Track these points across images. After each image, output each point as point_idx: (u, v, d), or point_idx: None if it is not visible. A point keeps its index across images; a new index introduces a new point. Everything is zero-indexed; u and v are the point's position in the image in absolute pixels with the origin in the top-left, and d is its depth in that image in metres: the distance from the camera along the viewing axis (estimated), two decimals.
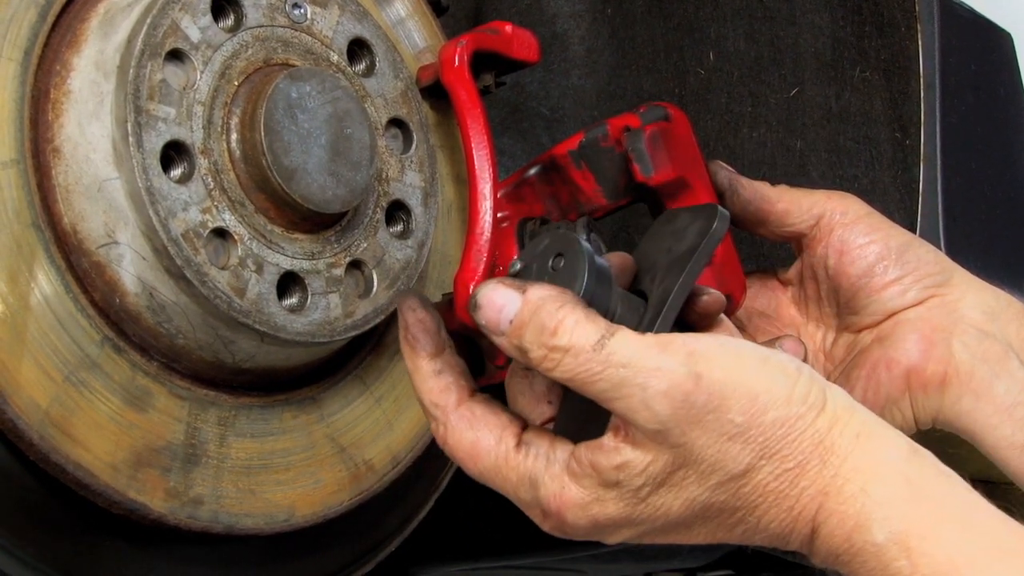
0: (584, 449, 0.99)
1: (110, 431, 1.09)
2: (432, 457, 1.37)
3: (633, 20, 1.67)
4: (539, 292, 0.98)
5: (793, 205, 1.31)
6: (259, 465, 1.19)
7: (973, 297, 1.26)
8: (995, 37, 1.63)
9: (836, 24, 1.54)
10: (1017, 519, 0.95)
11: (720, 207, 1.08)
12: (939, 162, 1.47)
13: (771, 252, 1.59)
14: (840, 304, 1.29)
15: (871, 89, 1.52)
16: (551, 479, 1.00)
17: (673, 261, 1.07)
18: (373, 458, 1.28)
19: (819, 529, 0.95)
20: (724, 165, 1.31)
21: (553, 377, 0.97)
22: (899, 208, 1.48)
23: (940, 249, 1.42)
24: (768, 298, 1.37)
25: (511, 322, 0.99)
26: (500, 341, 1.00)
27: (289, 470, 1.21)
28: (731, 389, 0.94)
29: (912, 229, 1.46)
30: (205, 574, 1.22)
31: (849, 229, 1.28)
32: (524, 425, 1.05)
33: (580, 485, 0.99)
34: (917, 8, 1.48)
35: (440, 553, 1.86)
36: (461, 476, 1.43)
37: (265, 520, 1.19)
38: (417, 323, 1.09)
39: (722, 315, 1.12)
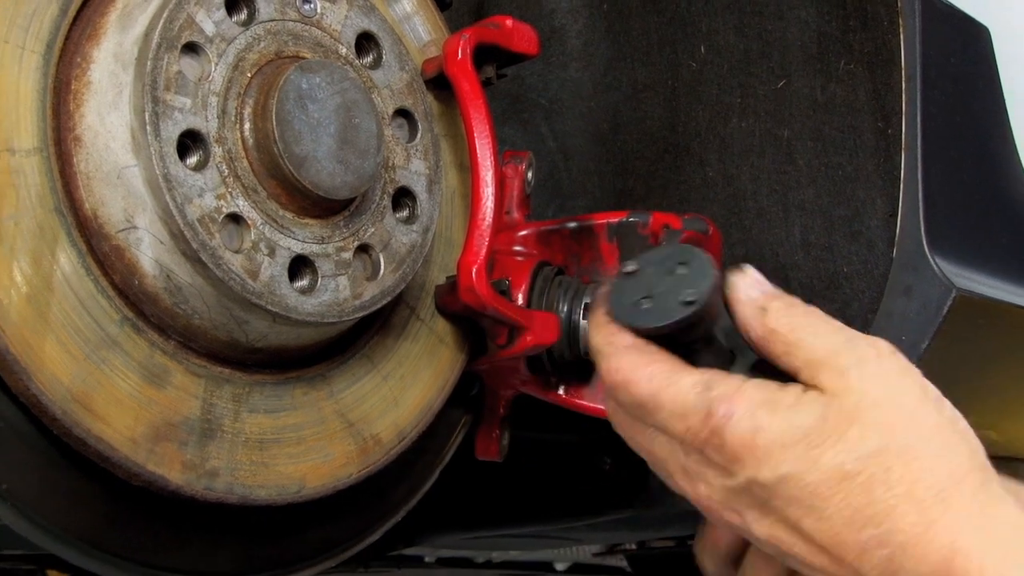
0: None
1: (129, 406, 1.09)
2: (436, 432, 1.37)
3: (628, 15, 1.67)
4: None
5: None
6: (272, 439, 1.19)
7: None
8: (973, 31, 1.62)
9: (822, 18, 1.54)
10: None
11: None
12: (919, 150, 1.46)
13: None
14: None
15: (855, 81, 1.52)
16: (730, 380, 0.96)
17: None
18: (380, 433, 1.28)
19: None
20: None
21: None
22: (881, 194, 1.48)
23: (920, 234, 1.42)
24: None
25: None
26: None
27: (300, 444, 1.21)
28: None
29: (894, 215, 1.46)
30: (221, 543, 1.22)
31: None
32: None
33: (760, 388, 0.95)
34: (899, 3, 1.47)
35: (444, 522, 1.87)
36: (464, 450, 1.44)
37: (277, 492, 1.19)
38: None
39: None
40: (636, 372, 0.99)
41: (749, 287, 1.01)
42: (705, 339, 1.01)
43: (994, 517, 0.91)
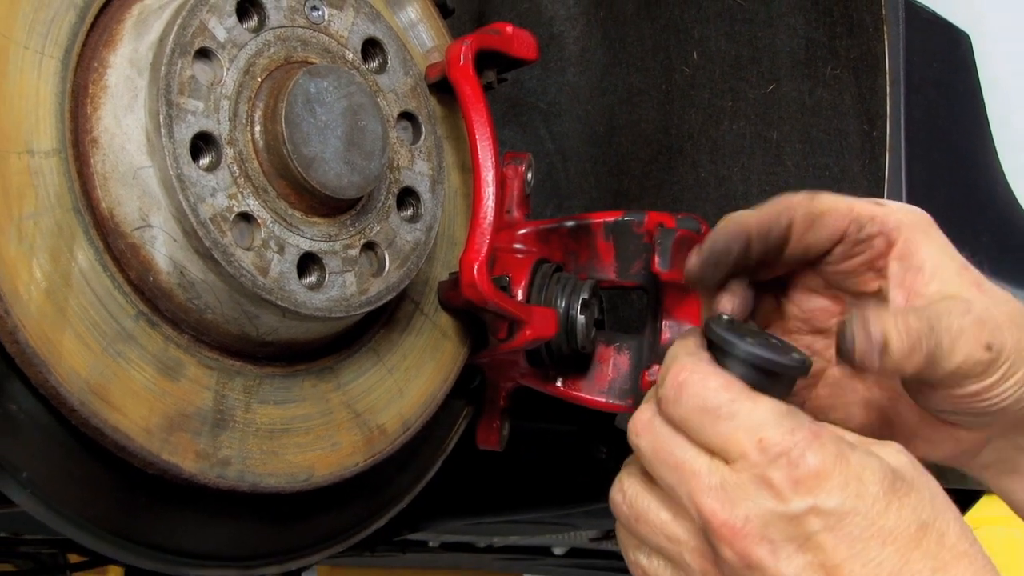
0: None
1: (145, 398, 1.09)
2: (439, 422, 1.37)
3: (623, 22, 1.67)
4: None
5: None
6: (281, 429, 1.19)
7: None
8: (954, 38, 1.62)
9: (809, 25, 1.54)
10: None
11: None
12: (903, 152, 1.46)
13: None
14: None
15: (841, 85, 1.52)
16: (809, 420, 0.92)
17: None
18: (385, 423, 1.28)
19: None
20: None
21: None
22: (866, 193, 1.47)
23: None
24: None
25: None
26: None
27: (308, 434, 1.21)
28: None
29: None
30: (232, 529, 1.22)
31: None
32: None
33: (836, 429, 0.92)
34: (884, 11, 1.47)
35: (447, 509, 1.87)
36: (466, 440, 1.44)
37: (287, 479, 1.19)
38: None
39: None
40: (711, 378, 0.94)
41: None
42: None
43: None
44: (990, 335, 0.98)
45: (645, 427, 0.97)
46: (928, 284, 1.02)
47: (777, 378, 0.95)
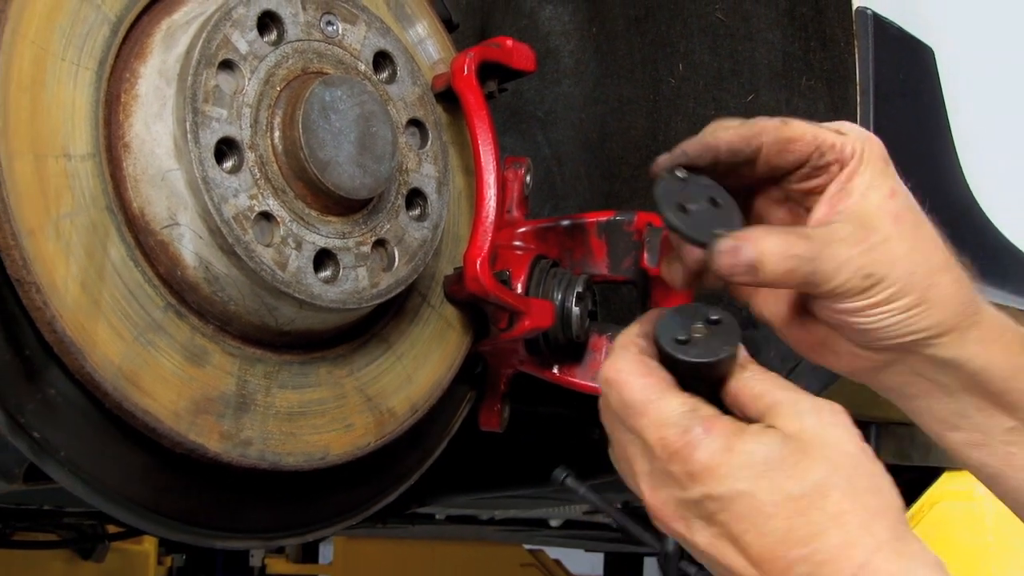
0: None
1: (173, 383, 1.09)
2: (445, 406, 1.36)
3: (614, 37, 1.66)
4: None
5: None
6: (299, 412, 1.18)
7: None
8: (919, 51, 1.61)
9: (786, 40, 1.53)
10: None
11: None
12: None
13: None
14: None
15: (815, 95, 1.51)
16: (711, 408, 0.96)
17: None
18: (395, 406, 1.27)
19: None
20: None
21: None
22: None
23: None
24: None
25: None
26: None
27: (324, 416, 1.20)
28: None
29: None
30: (254, 504, 1.21)
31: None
32: None
33: (732, 420, 0.95)
34: (855, 26, 1.46)
35: (452, 485, 1.86)
36: (470, 422, 1.43)
37: (304, 458, 1.18)
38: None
39: None
40: (634, 378, 0.98)
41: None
42: (718, 379, 1.00)
43: (907, 546, 0.92)
44: (874, 266, 1.00)
45: (603, 407, 1.03)
46: (846, 203, 1.03)
47: (705, 369, 0.99)
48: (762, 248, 0.99)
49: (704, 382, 0.99)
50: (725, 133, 1.05)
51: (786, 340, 1.13)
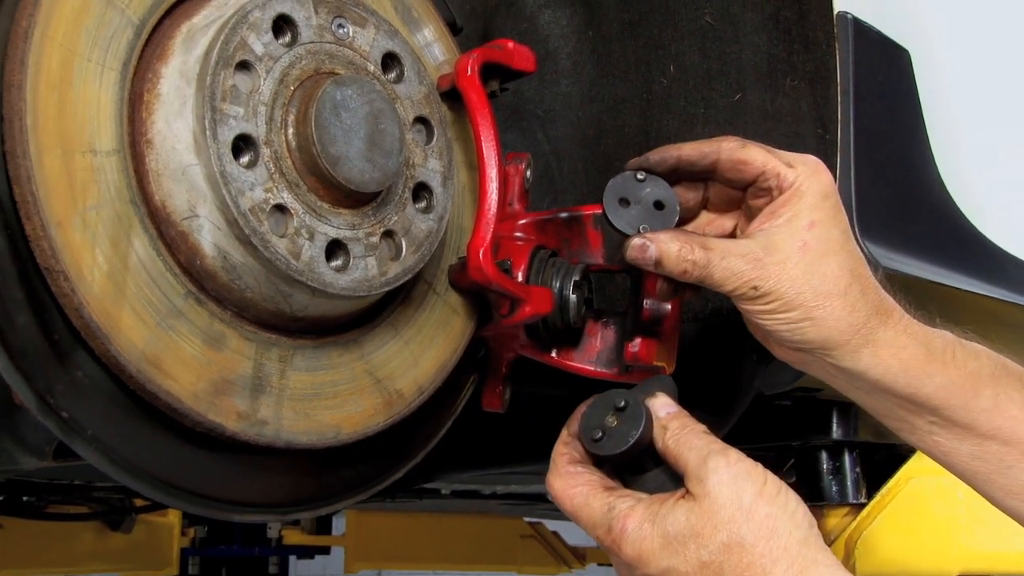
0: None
1: (193, 366, 1.08)
2: (450, 388, 1.36)
3: (609, 39, 1.65)
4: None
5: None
6: (312, 393, 1.18)
7: None
8: (896, 54, 1.60)
9: (771, 43, 1.52)
10: None
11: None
12: (852, 153, 1.45)
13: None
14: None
15: (799, 95, 1.50)
16: (626, 502, 1.06)
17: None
18: (403, 388, 1.27)
19: None
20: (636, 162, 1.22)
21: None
22: None
23: (853, 222, 1.40)
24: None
25: None
26: None
27: (336, 397, 1.20)
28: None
29: None
30: (270, 480, 1.21)
31: None
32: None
33: (647, 505, 1.05)
34: (836, 30, 1.46)
35: (456, 462, 1.86)
36: (473, 403, 1.42)
37: (317, 437, 1.18)
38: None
39: None
40: (564, 493, 1.09)
41: (659, 408, 1.11)
42: (645, 452, 1.10)
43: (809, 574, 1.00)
44: (761, 280, 1.12)
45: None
46: (765, 225, 1.14)
47: (622, 456, 1.09)
48: (663, 249, 1.13)
49: (632, 460, 1.09)
50: (687, 145, 1.18)
51: (749, 329, 1.23)
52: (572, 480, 1.10)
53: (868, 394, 1.19)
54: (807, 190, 1.14)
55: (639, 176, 1.19)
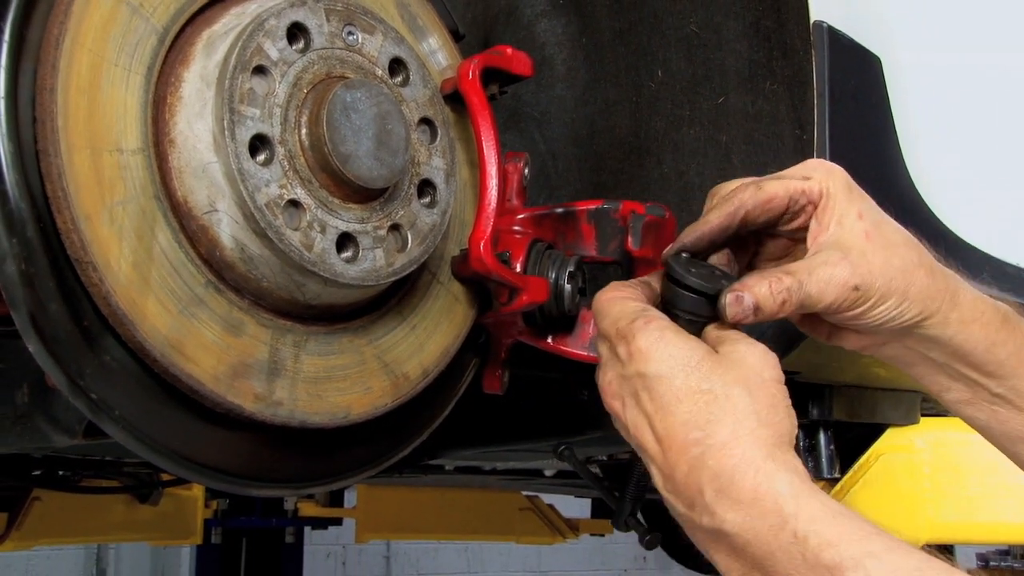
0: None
1: (213, 351, 1.07)
2: (453, 371, 1.35)
3: (602, 46, 1.65)
4: None
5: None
6: (324, 376, 1.17)
7: None
8: (868, 60, 1.60)
9: (752, 49, 1.51)
10: None
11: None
12: (828, 152, 1.44)
13: None
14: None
15: (778, 98, 1.50)
16: (660, 312, 1.03)
17: None
18: (409, 371, 1.26)
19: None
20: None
21: None
22: None
23: None
24: None
25: None
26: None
27: (346, 380, 1.19)
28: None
29: None
30: (285, 457, 1.20)
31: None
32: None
33: (677, 326, 1.02)
34: (812, 38, 1.45)
35: (459, 440, 1.85)
36: (474, 385, 1.42)
37: (329, 417, 1.17)
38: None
39: None
40: (607, 293, 1.06)
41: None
42: (712, 303, 1.05)
43: (782, 453, 0.95)
44: (859, 278, 1.04)
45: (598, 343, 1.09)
46: (824, 236, 1.07)
47: (700, 295, 1.05)
48: (756, 292, 1.04)
49: (700, 302, 1.04)
50: (711, 217, 1.09)
51: (803, 331, 1.17)
52: (620, 291, 1.06)
53: (941, 365, 1.12)
54: (835, 190, 1.08)
55: (684, 256, 1.09)
